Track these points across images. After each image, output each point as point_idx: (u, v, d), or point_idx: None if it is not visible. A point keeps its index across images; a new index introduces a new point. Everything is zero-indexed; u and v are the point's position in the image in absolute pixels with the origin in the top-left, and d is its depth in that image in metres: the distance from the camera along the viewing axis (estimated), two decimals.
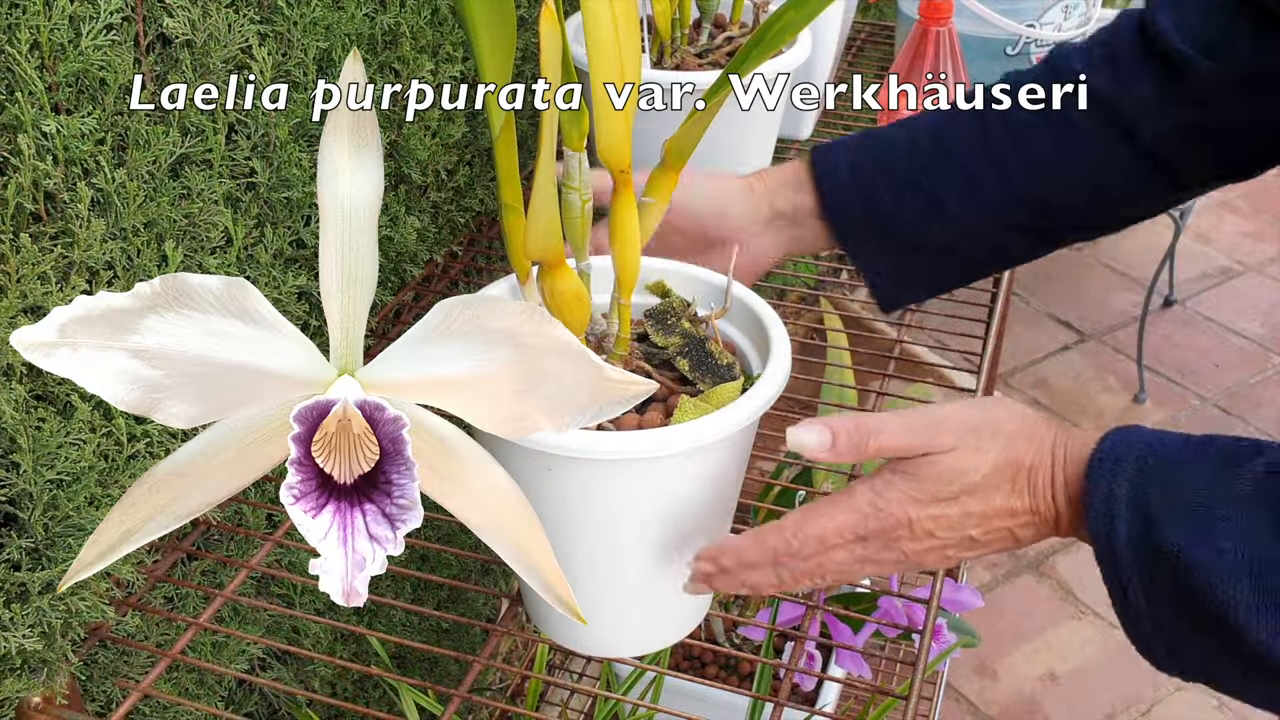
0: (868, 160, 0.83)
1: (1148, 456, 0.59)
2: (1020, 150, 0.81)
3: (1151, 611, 0.58)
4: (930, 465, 0.61)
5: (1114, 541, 0.58)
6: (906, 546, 0.63)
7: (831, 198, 0.82)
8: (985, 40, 1.44)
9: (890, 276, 0.84)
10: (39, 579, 0.74)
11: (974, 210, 0.82)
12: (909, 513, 0.62)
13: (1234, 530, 0.55)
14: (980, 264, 0.86)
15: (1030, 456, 0.61)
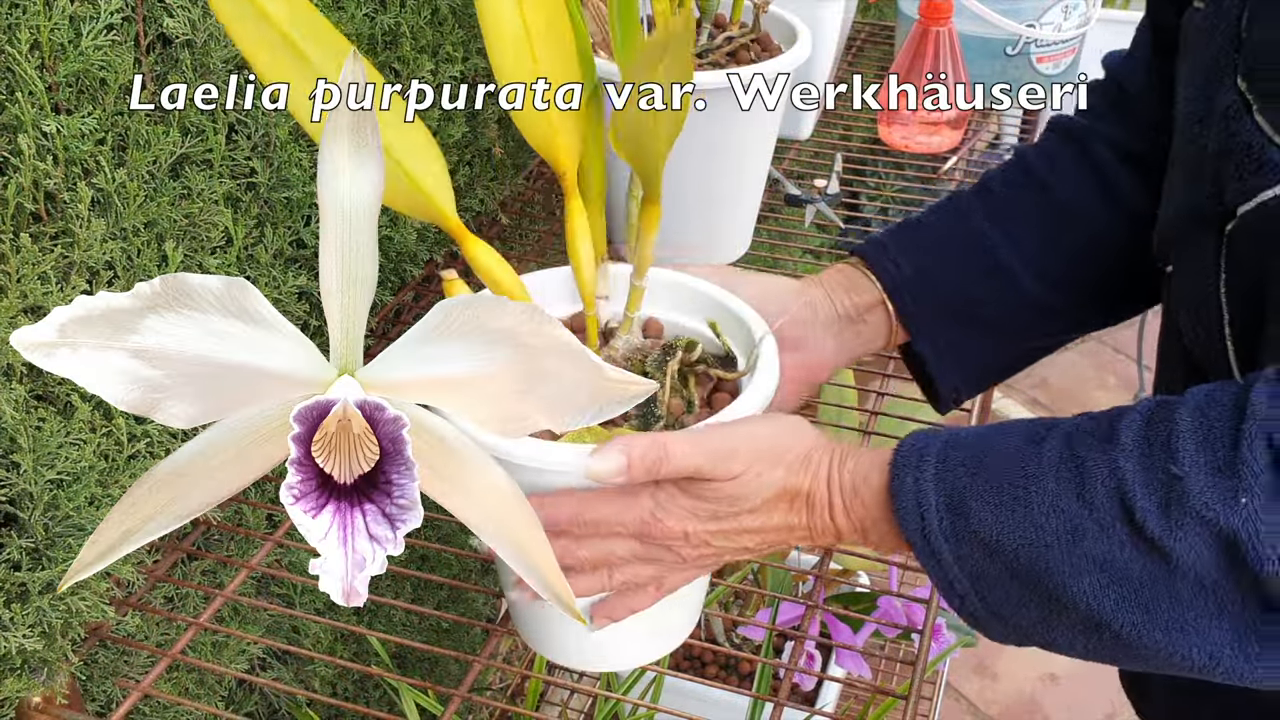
0: (922, 242, 0.84)
1: (948, 448, 0.62)
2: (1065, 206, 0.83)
3: (978, 591, 0.61)
4: (714, 489, 0.64)
5: (929, 535, 0.61)
6: (683, 552, 0.66)
7: (894, 281, 0.82)
8: (985, 40, 1.44)
9: (953, 360, 0.84)
10: (39, 579, 0.74)
11: (1031, 270, 0.82)
12: (686, 527, 0.65)
13: (1044, 503, 0.58)
14: (1038, 337, 0.86)
15: (807, 483, 0.65)
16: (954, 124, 1.35)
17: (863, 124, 1.49)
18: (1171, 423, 0.56)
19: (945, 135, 1.35)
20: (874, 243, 0.84)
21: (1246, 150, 0.60)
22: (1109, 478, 0.56)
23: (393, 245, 1.08)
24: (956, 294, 0.82)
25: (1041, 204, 0.83)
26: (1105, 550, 0.56)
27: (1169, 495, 0.55)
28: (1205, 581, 0.54)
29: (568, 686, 0.91)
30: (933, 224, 0.84)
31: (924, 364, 0.84)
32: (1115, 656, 0.59)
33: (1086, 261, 0.82)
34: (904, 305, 0.82)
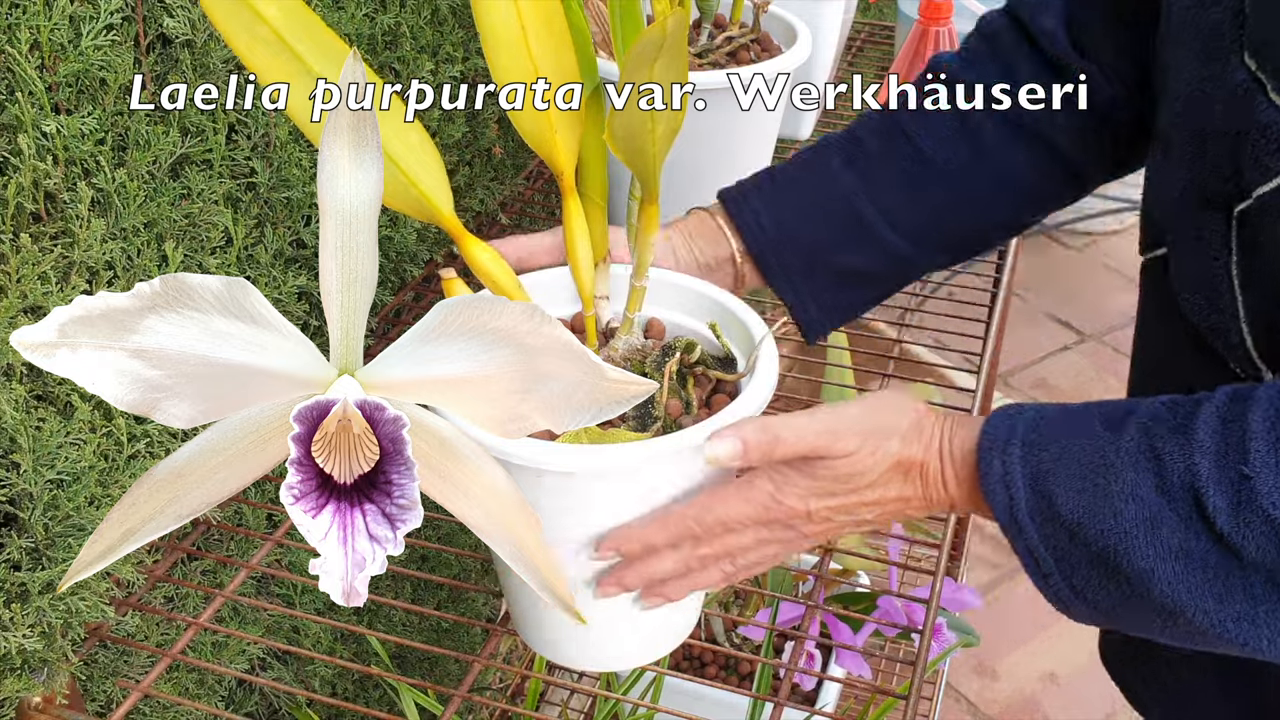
0: (783, 193, 0.85)
1: (1032, 431, 0.63)
2: (929, 164, 0.83)
3: (1062, 572, 0.62)
4: (828, 468, 0.65)
5: (1017, 517, 0.62)
6: (806, 529, 0.68)
7: (754, 238, 0.83)
8: None
9: (814, 304, 0.85)
10: (39, 579, 0.74)
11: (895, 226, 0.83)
12: (809, 505, 0.66)
13: (1124, 491, 0.59)
14: (903, 279, 0.88)
15: (920, 454, 0.66)
16: None
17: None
18: (1244, 421, 0.57)
19: None
20: (736, 191, 0.85)
21: (1264, 131, 0.60)
22: (1185, 473, 0.58)
23: (393, 245, 1.08)
24: (814, 247, 0.83)
25: (907, 160, 0.83)
26: (1182, 540, 0.57)
27: (1239, 494, 0.56)
28: (1276, 578, 0.56)
29: (568, 686, 0.91)
30: (795, 177, 0.85)
31: (786, 302, 0.85)
32: (1188, 640, 0.61)
33: (950, 217, 0.83)
34: (762, 257, 0.83)
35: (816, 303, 0.85)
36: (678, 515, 0.67)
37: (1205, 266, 0.65)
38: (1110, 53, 0.78)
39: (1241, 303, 0.63)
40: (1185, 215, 0.67)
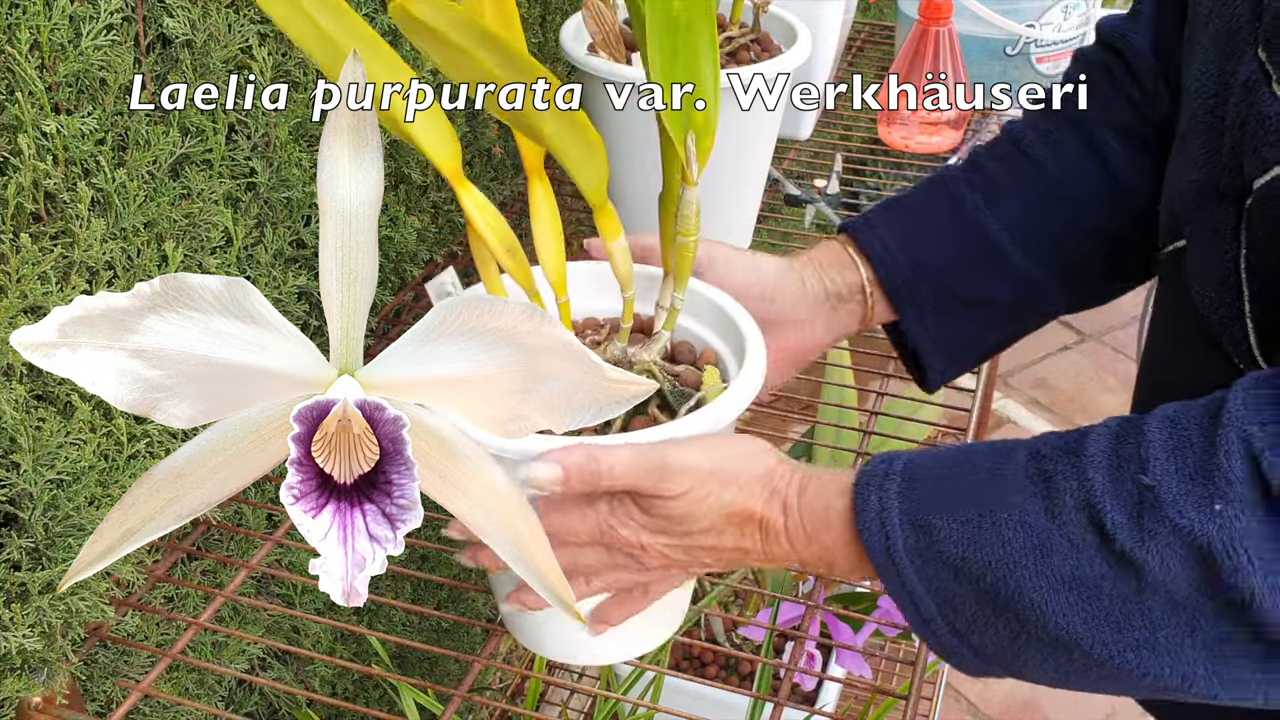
0: (910, 219, 0.83)
1: (911, 466, 0.61)
2: (1055, 185, 0.81)
3: (944, 616, 0.59)
4: (661, 506, 0.63)
5: (894, 557, 0.59)
6: (646, 562, 0.66)
7: (883, 264, 0.81)
8: (985, 40, 1.44)
9: (942, 339, 0.83)
10: (39, 579, 0.74)
11: (1023, 247, 0.81)
12: (641, 539, 0.65)
13: (1011, 519, 0.56)
14: (1028, 316, 0.85)
15: (760, 508, 0.63)
16: (954, 124, 1.35)
17: (863, 124, 1.49)
18: (1140, 434, 0.55)
19: (945, 135, 1.35)
20: (862, 221, 0.83)
21: (1263, 122, 0.59)
22: (1078, 490, 0.55)
23: (393, 245, 1.08)
24: (944, 272, 0.81)
25: (1033, 180, 0.81)
26: (1075, 566, 0.55)
27: (1140, 505, 0.53)
28: (1177, 597, 0.53)
29: (568, 686, 0.91)
30: (921, 201, 0.83)
31: (912, 342, 0.83)
32: (1087, 680, 0.58)
33: (1077, 240, 0.81)
34: (892, 284, 0.81)
35: (940, 335, 0.82)
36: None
37: (1218, 260, 0.64)
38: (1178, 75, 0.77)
39: (1247, 297, 0.62)
40: (1202, 209, 0.66)
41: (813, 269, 0.82)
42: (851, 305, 0.82)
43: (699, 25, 0.62)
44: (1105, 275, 0.83)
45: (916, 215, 0.83)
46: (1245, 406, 0.53)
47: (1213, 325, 0.66)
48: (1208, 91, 0.66)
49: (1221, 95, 0.65)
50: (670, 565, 0.66)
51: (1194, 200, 0.67)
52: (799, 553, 0.64)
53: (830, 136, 1.47)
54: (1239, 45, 0.63)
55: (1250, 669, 0.53)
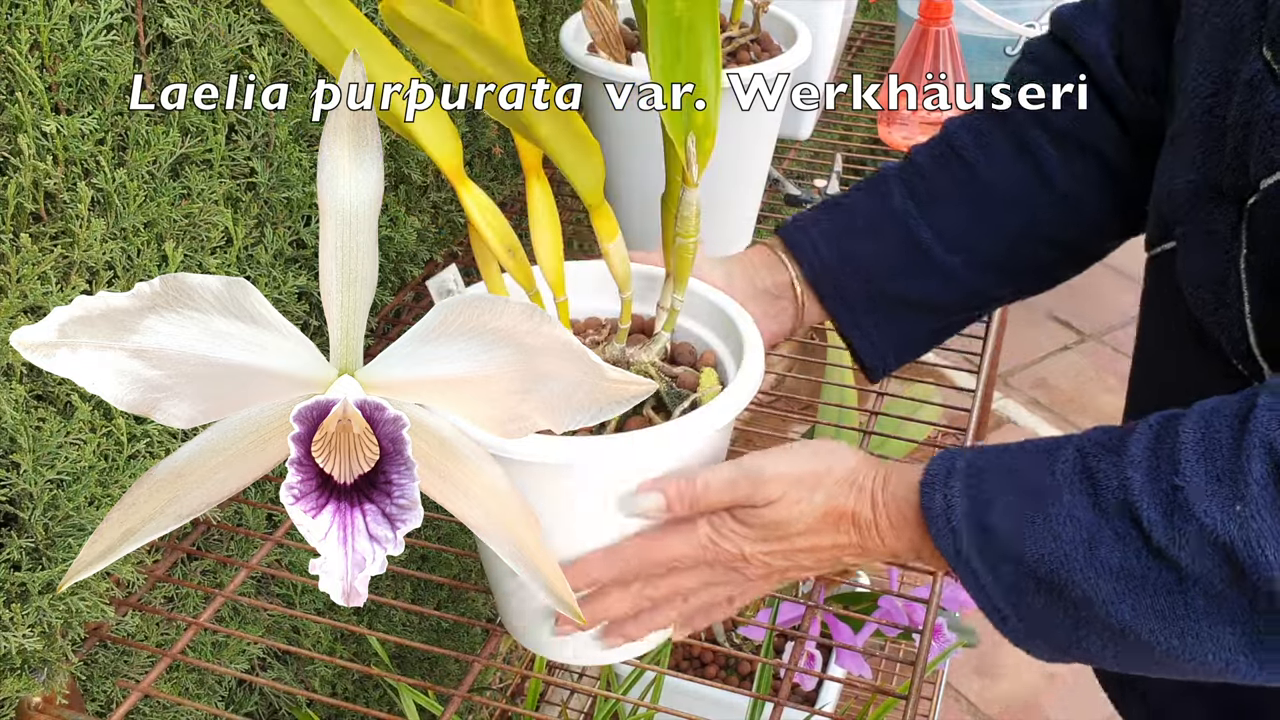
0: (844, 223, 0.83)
1: (972, 465, 0.63)
2: (986, 186, 0.82)
3: (1014, 607, 0.61)
4: (757, 515, 0.66)
5: (961, 550, 0.62)
6: (748, 572, 0.68)
7: (811, 266, 0.82)
8: (985, 40, 1.44)
9: (877, 336, 0.84)
10: (39, 579, 0.74)
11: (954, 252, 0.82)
12: (744, 549, 0.67)
13: (1061, 513, 0.59)
14: (965, 310, 0.86)
15: (852, 504, 0.66)
16: None
17: (863, 124, 1.49)
18: (1176, 435, 0.57)
19: None
20: (794, 223, 0.84)
21: (1270, 121, 0.59)
22: (1118, 489, 0.57)
23: (393, 245, 1.08)
24: (875, 275, 0.82)
25: (963, 183, 0.82)
26: (1122, 559, 0.57)
27: (1172, 505, 0.55)
28: (1213, 590, 0.55)
29: (568, 686, 0.91)
30: (854, 205, 0.84)
31: (845, 336, 0.84)
32: (1145, 663, 0.60)
33: (1015, 245, 0.82)
34: (819, 282, 0.82)
35: (877, 333, 0.83)
36: (621, 551, 0.67)
37: (1215, 261, 0.64)
38: (1149, 73, 0.77)
39: (1248, 298, 0.63)
40: (1197, 209, 0.66)
41: (741, 268, 0.83)
42: (783, 303, 0.83)
43: (701, 26, 0.62)
44: (1038, 273, 0.85)
45: (848, 217, 0.83)
46: (1271, 411, 0.55)
47: (1208, 326, 0.66)
48: (1206, 90, 0.66)
49: (1223, 94, 0.64)
50: (771, 573, 0.68)
51: (1187, 201, 0.67)
52: (890, 545, 0.66)
53: (830, 136, 1.47)
54: (1242, 44, 0.63)
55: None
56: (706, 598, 0.70)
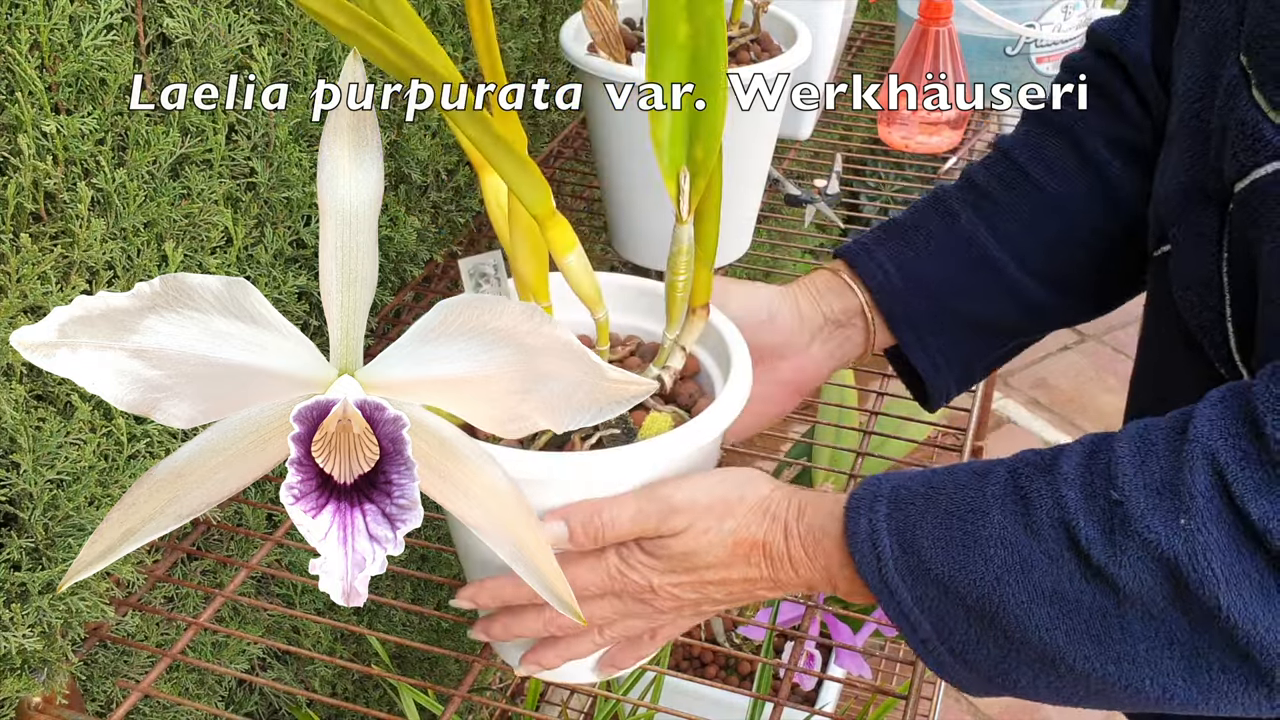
0: (909, 244, 0.82)
1: (899, 489, 0.61)
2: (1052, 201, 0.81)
3: (939, 634, 0.60)
4: (664, 546, 0.64)
5: (886, 577, 0.60)
6: (658, 604, 0.66)
7: (881, 289, 0.80)
8: (985, 40, 1.44)
9: (943, 361, 0.82)
10: (39, 579, 0.74)
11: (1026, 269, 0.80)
12: (651, 580, 0.65)
13: (992, 536, 0.57)
14: (1031, 332, 0.85)
15: (762, 535, 0.64)
16: (954, 124, 1.35)
17: (863, 124, 1.49)
18: (1111, 450, 0.56)
19: (945, 135, 1.35)
20: (858, 245, 0.82)
21: (1242, 126, 0.59)
22: (1053, 508, 0.56)
23: (393, 245, 1.08)
24: (946, 296, 0.81)
25: (1032, 200, 0.81)
26: (1055, 581, 0.55)
27: (1111, 521, 0.54)
28: (1153, 610, 0.53)
29: (568, 686, 0.91)
30: (918, 224, 0.82)
31: (914, 365, 0.82)
32: (1075, 694, 0.58)
33: (1081, 257, 0.81)
34: (890, 307, 0.80)
35: (943, 357, 0.81)
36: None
37: (1202, 264, 0.64)
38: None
39: (1229, 301, 0.62)
40: (1188, 212, 0.66)
41: (808, 296, 0.81)
42: (850, 330, 0.81)
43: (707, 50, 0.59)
44: (1109, 286, 0.83)
45: (913, 237, 0.82)
46: (1210, 421, 0.54)
47: (1194, 329, 0.66)
48: (1194, 94, 0.66)
49: (1208, 99, 0.64)
50: (682, 605, 0.67)
51: (1180, 203, 0.67)
52: (804, 576, 0.64)
53: (830, 136, 1.47)
54: (1224, 48, 0.63)
55: (1227, 680, 0.53)
56: (622, 630, 0.68)
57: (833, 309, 0.81)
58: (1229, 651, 0.53)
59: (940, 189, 0.84)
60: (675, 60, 0.60)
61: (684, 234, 0.66)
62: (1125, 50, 0.79)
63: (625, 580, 0.65)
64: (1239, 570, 0.51)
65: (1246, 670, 0.53)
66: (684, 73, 0.60)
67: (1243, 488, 0.51)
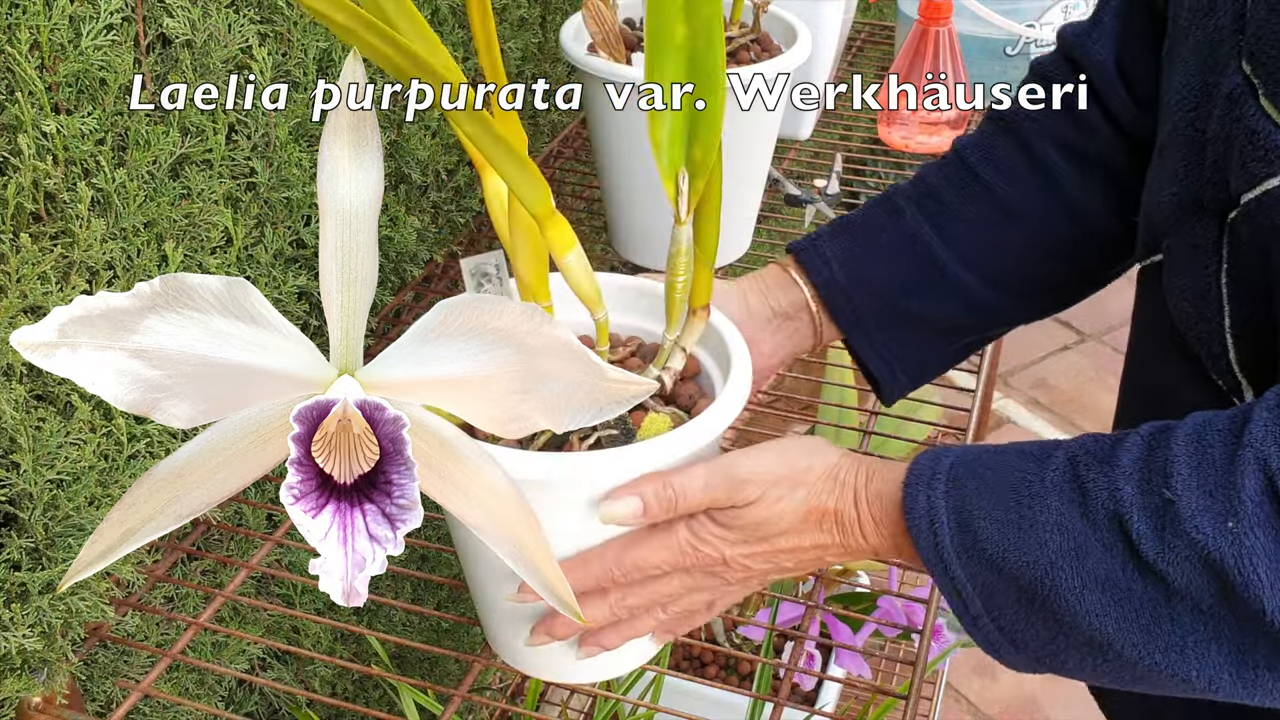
0: (857, 242, 0.82)
1: (958, 466, 0.62)
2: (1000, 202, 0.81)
3: (990, 612, 0.60)
4: (737, 516, 0.65)
5: (941, 552, 0.61)
6: (728, 575, 0.67)
7: (826, 283, 0.81)
8: (985, 40, 1.44)
9: (891, 356, 0.83)
10: (39, 579, 0.74)
11: (970, 269, 0.81)
12: (724, 552, 0.66)
13: (1049, 521, 0.58)
14: (980, 331, 0.85)
15: (834, 502, 0.65)
16: (954, 124, 1.35)
17: (863, 124, 1.49)
18: (1168, 447, 0.56)
19: (945, 135, 1.35)
20: (808, 241, 0.83)
21: (1251, 136, 0.59)
22: (1108, 501, 0.56)
23: (393, 245, 1.08)
24: (891, 293, 0.81)
25: (979, 201, 0.81)
26: (1108, 570, 0.56)
27: (1164, 519, 0.54)
28: (1201, 606, 0.54)
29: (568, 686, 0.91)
30: (866, 221, 0.83)
31: (860, 358, 0.83)
32: (1121, 679, 0.59)
33: (1028, 258, 0.81)
34: (834, 302, 0.81)
35: (889, 352, 0.82)
36: (596, 558, 0.66)
37: (1198, 275, 0.64)
38: (1149, 86, 0.76)
39: (1228, 312, 0.63)
40: (1181, 223, 0.66)
41: (756, 289, 0.82)
42: (797, 323, 0.82)
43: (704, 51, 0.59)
44: (1057, 287, 0.84)
45: (861, 235, 0.82)
46: (1265, 425, 0.54)
47: (1190, 340, 0.66)
48: (1188, 104, 0.66)
49: (1204, 108, 0.64)
50: (751, 575, 0.67)
51: (1172, 214, 0.67)
52: (872, 543, 0.65)
53: (830, 136, 1.47)
54: (1221, 57, 0.63)
55: (1273, 678, 0.54)
56: (686, 604, 0.68)
57: (779, 302, 0.82)
58: (1274, 652, 0.54)
59: (892, 188, 0.85)
60: (674, 61, 0.60)
61: (683, 235, 0.65)
62: (1088, 57, 0.79)
63: (698, 554, 0.66)
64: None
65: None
66: (682, 73, 0.61)
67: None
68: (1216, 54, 0.63)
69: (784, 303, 0.82)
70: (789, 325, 0.82)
